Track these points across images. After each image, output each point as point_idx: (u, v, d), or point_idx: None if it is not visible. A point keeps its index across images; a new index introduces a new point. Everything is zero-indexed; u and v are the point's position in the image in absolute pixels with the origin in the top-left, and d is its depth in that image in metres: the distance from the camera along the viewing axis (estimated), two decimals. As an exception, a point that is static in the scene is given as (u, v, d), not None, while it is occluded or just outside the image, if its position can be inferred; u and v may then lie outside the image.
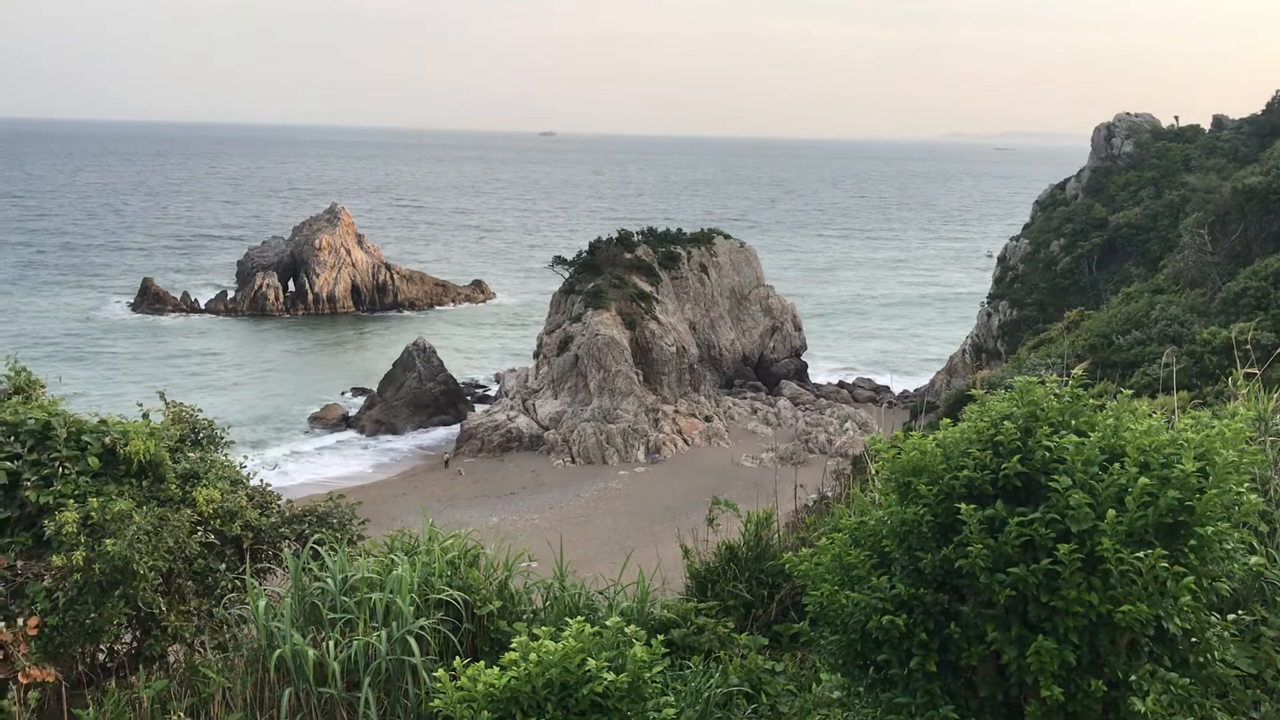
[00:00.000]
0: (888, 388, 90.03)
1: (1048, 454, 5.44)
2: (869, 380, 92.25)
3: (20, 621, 7.39)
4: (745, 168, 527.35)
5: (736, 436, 74.82)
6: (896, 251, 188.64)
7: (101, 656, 8.39)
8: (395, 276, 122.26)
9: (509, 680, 5.94)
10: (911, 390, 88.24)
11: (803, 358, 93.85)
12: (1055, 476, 5.31)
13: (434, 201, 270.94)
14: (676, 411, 75.72)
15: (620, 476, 66.13)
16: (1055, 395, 5.75)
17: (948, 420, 6.00)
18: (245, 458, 10.37)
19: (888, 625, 5.51)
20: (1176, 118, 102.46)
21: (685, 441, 72.40)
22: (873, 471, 8.61)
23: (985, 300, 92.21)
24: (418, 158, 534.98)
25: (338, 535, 9.32)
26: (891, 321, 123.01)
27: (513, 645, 6.28)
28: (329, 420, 76.90)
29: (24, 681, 7.24)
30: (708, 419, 76.35)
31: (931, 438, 5.79)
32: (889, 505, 5.93)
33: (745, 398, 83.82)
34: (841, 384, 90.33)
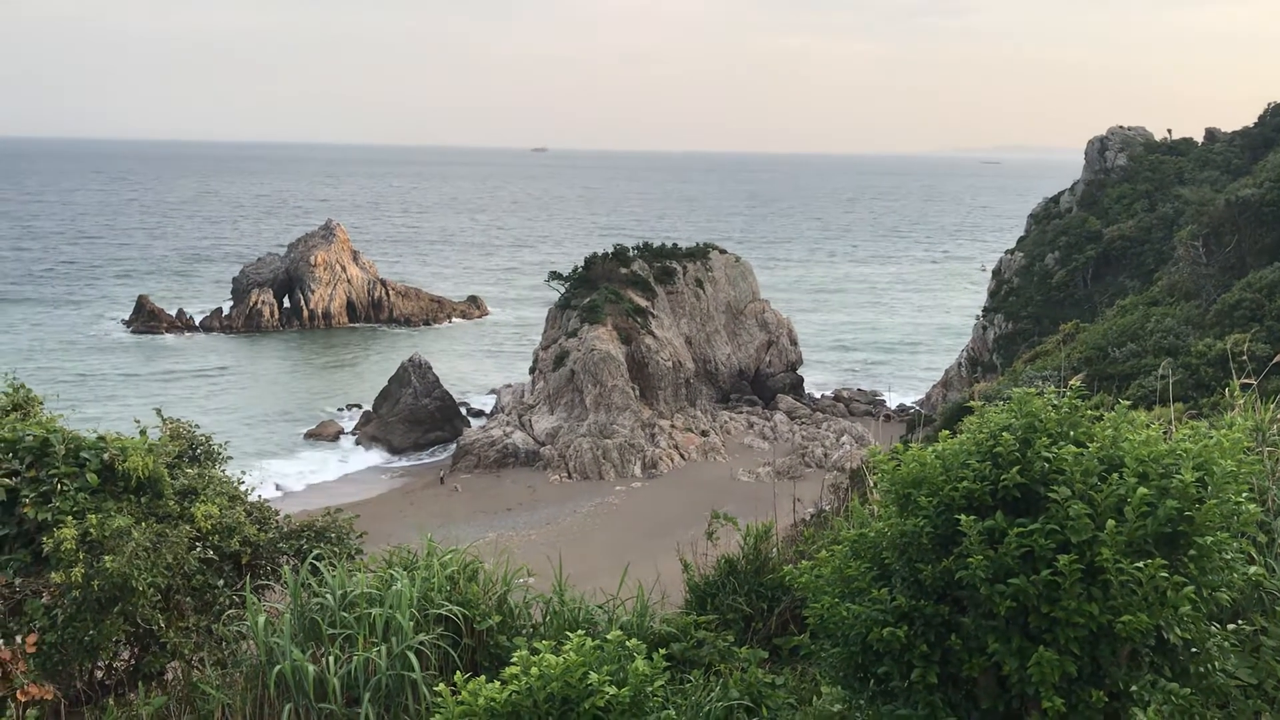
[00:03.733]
0: (884, 401, 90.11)
1: (1047, 465, 5.47)
2: (865, 394, 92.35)
3: (19, 639, 7.38)
4: (741, 183, 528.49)
5: (733, 451, 74.81)
6: (895, 265, 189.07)
7: (100, 674, 8.37)
8: (391, 292, 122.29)
9: (510, 694, 5.94)
10: (908, 404, 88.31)
11: (799, 371, 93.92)
12: (1054, 487, 5.33)
13: (427, 218, 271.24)
14: (673, 426, 75.70)
15: (617, 492, 66.06)
16: (1054, 406, 5.77)
17: (946, 432, 6.03)
18: (242, 473, 10.36)
19: (888, 637, 5.52)
20: (1169, 131, 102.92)
21: (682, 456, 72.37)
22: (872, 484, 8.63)
23: (980, 314, 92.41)
24: (412, 174, 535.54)
25: (336, 550, 9.31)
26: (886, 334, 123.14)
27: (514, 659, 6.27)
28: (325, 436, 76.81)
29: (22, 699, 7.22)
30: (704, 433, 76.34)
31: (931, 449, 5.81)
32: (889, 517, 5.94)
33: (742, 412, 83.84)
34: (838, 398, 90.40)
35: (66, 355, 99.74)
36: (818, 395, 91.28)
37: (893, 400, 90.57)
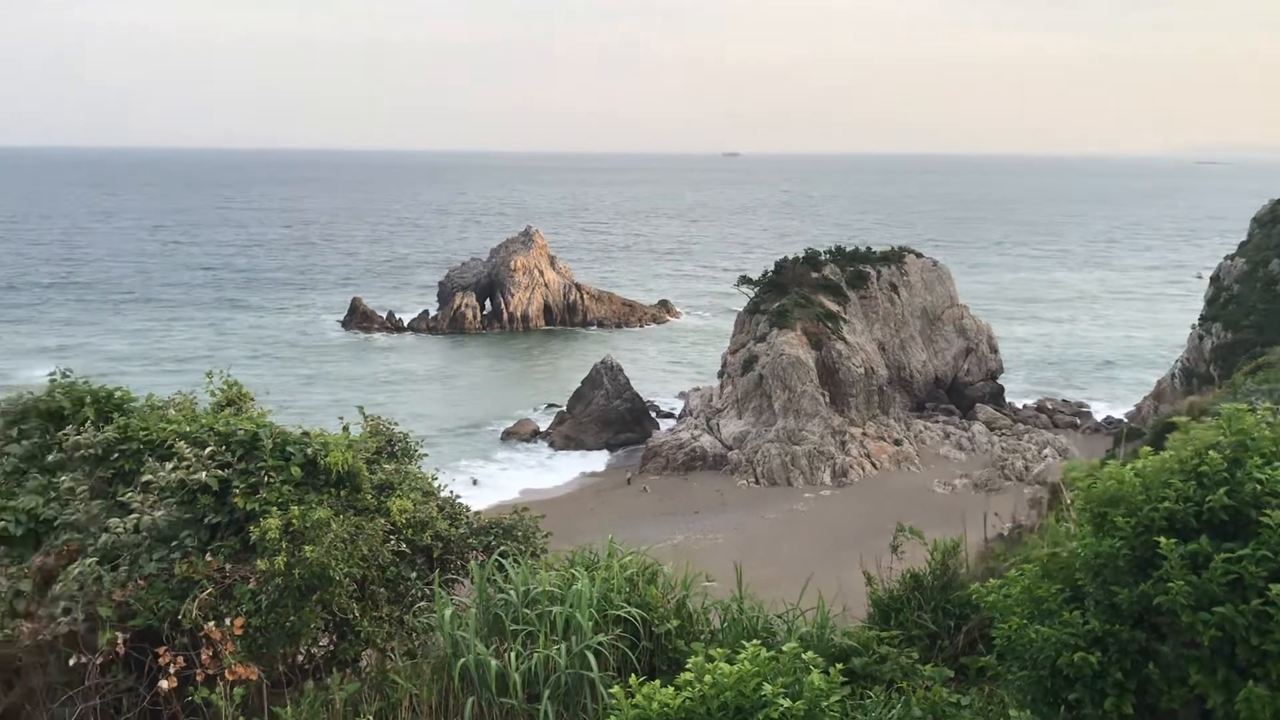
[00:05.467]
0: (1090, 413, 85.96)
1: (1259, 487, 5.07)
2: (1070, 405, 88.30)
3: (227, 621, 7.84)
4: (941, 185, 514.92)
5: (928, 461, 72.86)
6: (1105, 270, 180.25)
7: (300, 658, 8.82)
8: (585, 296, 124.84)
9: (683, 701, 5.93)
10: (1116, 416, 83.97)
11: (999, 380, 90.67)
12: (1267, 511, 4.94)
13: (621, 223, 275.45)
14: (864, 434, 74.34)
15: (806, 499, 65.36)
16: (1268, 424, 5.35)
17: (1148, 449, 5.68)
18: (436, 470, 10.74)
19: (1080, 662, 5.24)
20: None
21: (874, 465, 70.97)
22: (1068, 501, 8.21)
23: (1196, 322, 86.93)
24: (602, 181, 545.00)
25: (522, 548, 9.54)
26: (1095, 342, 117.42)
27: (688, 665, 6.27)
28: (521, 434, 79.00)
29: (230, 678, 7.67)
30: (897, 442, 74.65)
31: (1130, 466, 5.48)
32: (1083, 537, 5.64)
33: (937, 421, 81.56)
34: (1040, 408, 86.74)
35: (286, 354, 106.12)
36: (1019, 405, 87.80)
37: (1100, 412, 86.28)
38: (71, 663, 7.85)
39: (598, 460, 74.43)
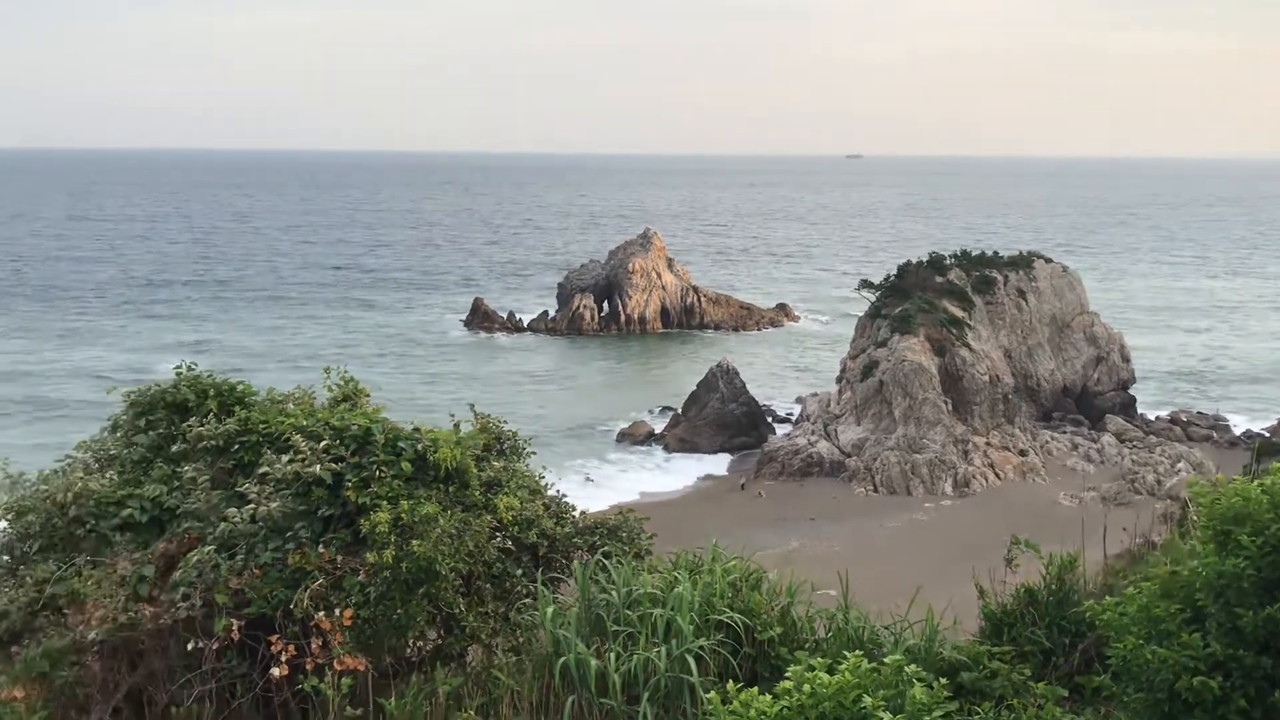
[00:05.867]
0: (1228, 426, 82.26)
1: (1402, 508, 4.74)
2: (1206, 417, 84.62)
3: (337, 611, 8.02)
4: (1072, 188, 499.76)
5: (1054, 473, 70.67)
6: (1248, 279, 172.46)
7: (408, 651, 8.98)
8: (702, 299, 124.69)
9: (781, 710, 5.83)
10: (1256, 430, 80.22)
11: (1130, 391, 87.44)
12: None
13: (740, 226, 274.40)
14: (988, 444, 72.48)
15: (926, 509, 64.05)
16: None
17: (1278, 465, 5.35)
18: (545, 468, 10.82)
19: (1199, 687, 4.97)
20: None
21: (997, 475, 69.14)
22: (1193, 517, 7.83)
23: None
24: (724, 183, 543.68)
25: (625, 549, 9.54)
26: (1236, 354, 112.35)
27: (787, 674, 6.16)
28: (636, 436, 79.29)
29: (338, 668, 7.84)
30: (1022, 453, 72.60)
31: (1258, 483, 5.18)
32: (1206, 555, 5.36)
33: (1065, 432, 79.06)
34: (1174, 420, 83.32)
35: (410, 352, 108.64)
36: (1151, 417, 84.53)
37: (1239, 426, 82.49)
38: (190, 647, 8.13)
39: (714, 464, 74.18)
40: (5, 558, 9.42)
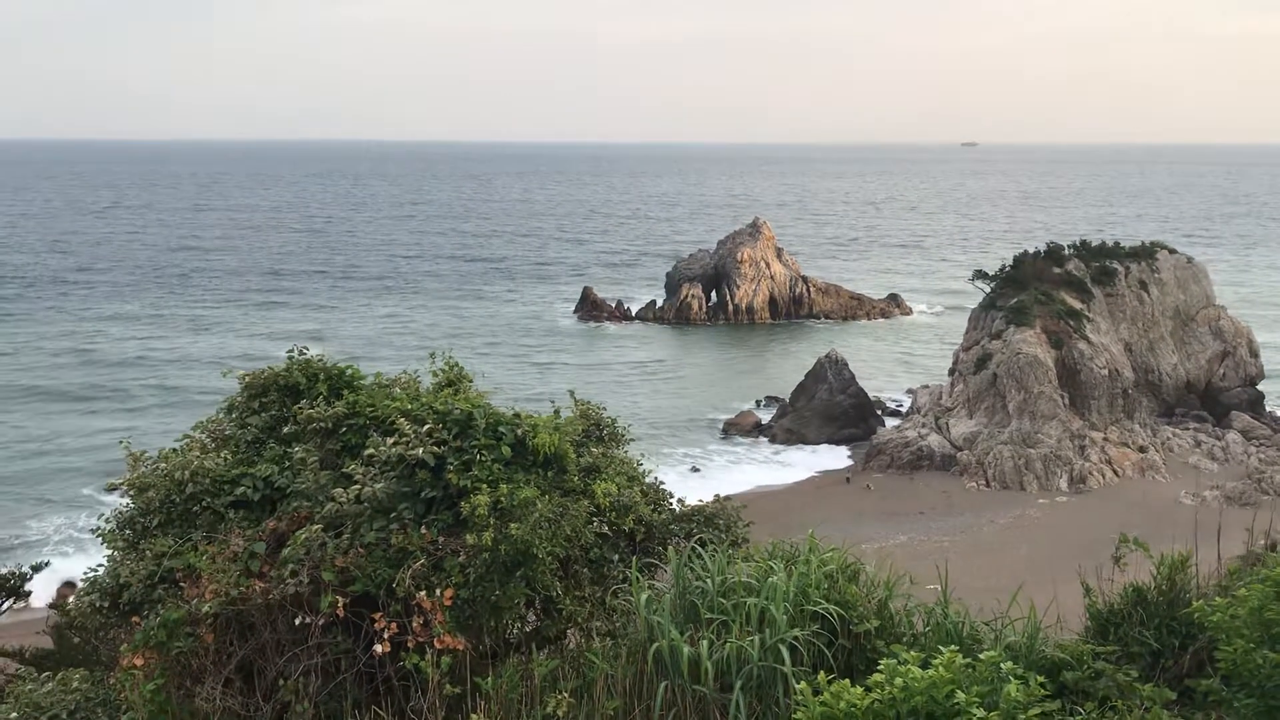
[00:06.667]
0: (1366, 425, 78.30)
1: None
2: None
3: (438, 592, 8.19)
4: (1197, 176, 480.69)
5: (1175, 471, 68.23)
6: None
7: (506, 633, 9.13)
8: (811, 289, 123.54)
9: (872, 702, 5.78)
10: (1398, 430, 76.20)
11: (1259, 387, 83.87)
12: None
13: (853, 215, 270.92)
14: (1105, 439, 70.32)
15: (1040, 505, 62.49)
16: None
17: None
18: (643, 455, 10.88)
19: (1313, 695, 4.76)
20: None
21: (1115, 472, 67.04)
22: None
23: None
24: (836, 173, 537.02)
25: (722, 537, 9.54)
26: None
27: (880, 666, 6.09)
28: (743, 426, 79.02)
29: (439, 647, 8.01)
30: (1142, 449, 70.25)
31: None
32: (1323, 557, 5.13)
33: (1188, 428, 76.24)
34: (1307, 418, 79.75)
35: (520, 340, 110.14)
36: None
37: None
38: (297, 622, 8.40)
39: (824, 455, 73.49)
40: (127, 531, 9.85)
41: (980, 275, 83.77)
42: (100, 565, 9.77)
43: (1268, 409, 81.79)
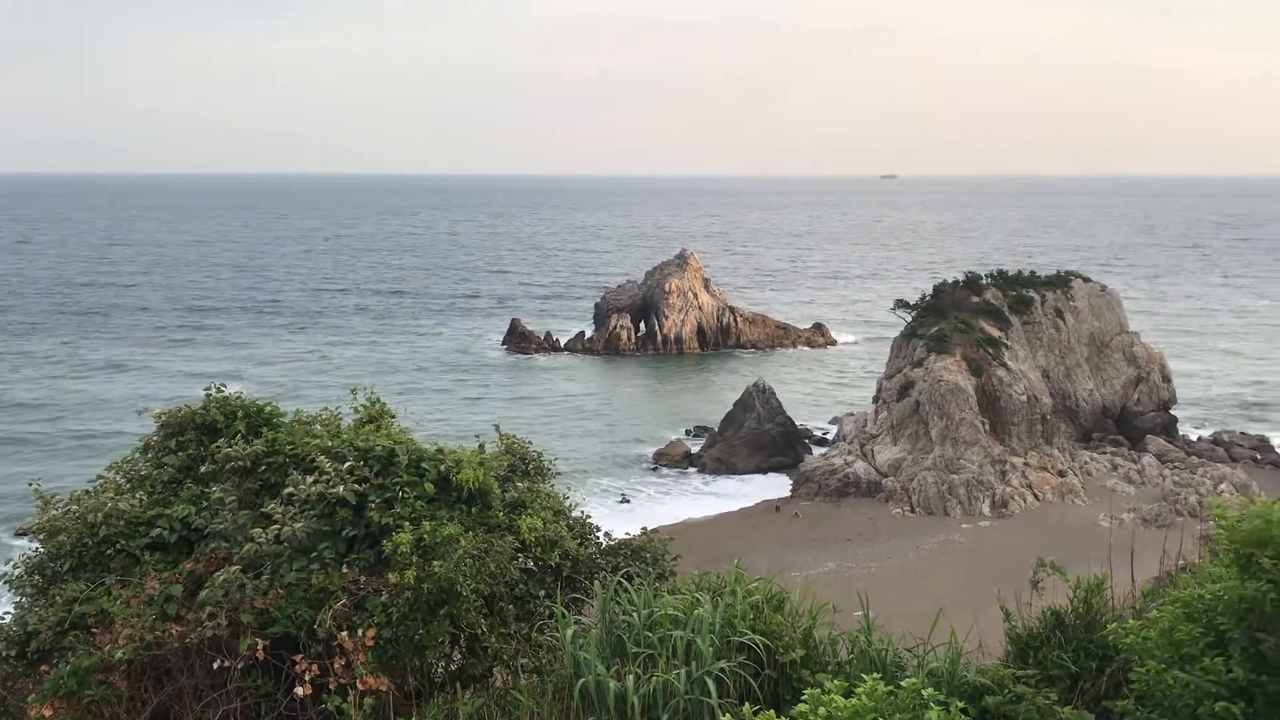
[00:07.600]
0: (1272, 446, 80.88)
1: None
2: (1249, 438, 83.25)
3: (360, 632, 8.05)
4: (1109, 208, 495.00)
5: (1093, 494, 69.72)
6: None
7: (431, 672, 9.00)
8: (739, 319, 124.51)
9: (797, 732, 5.79)
10: (1303, 450, 78.78)
11: (1171, 411, 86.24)
12: None
13: (776, 247, 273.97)
14: (1026, 464, 71.69)
15: (963, 529, 63.41)
16: None
17: (1300, 485, 5.28)
18: (569, 489, 10.83)
19: (1222, 713, 4.89)
20: None
21: (1036, 496, 68.33)
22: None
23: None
24: (763, 205, 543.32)
25: (649, 570, 9.51)
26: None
27: (803, 697, 6.12)
28: (673, 456, 79.08)
29: (362, 688, 7.87)
30: (1061, 473, 71.72)
31: (1279, 504, 5.10)
32: (1228, 578, 5.28)
33: (1105, 452, 78.04)
34: (1217, 441, 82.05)
35: (446, 373, 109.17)
36: (1194, 438, 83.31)
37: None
38: (216, 666, 8.20)
39: (753, 484, 73.81)
40: (37, 577, 9.55)
41: (901, 304, 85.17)
42: (6, 613, 9.44)
43: (1181, 433, 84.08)
